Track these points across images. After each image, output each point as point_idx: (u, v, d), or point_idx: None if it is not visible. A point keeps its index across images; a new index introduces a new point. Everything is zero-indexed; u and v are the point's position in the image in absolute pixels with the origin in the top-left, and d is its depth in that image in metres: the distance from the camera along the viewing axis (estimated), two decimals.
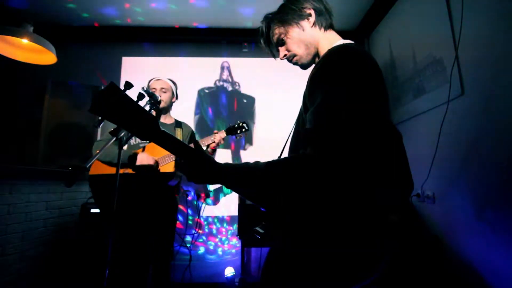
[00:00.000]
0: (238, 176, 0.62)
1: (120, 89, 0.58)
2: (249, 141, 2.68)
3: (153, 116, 0.61)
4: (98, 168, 1.59)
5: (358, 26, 2.67)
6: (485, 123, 1.35)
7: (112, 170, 1.57)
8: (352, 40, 0.79)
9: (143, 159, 1.54)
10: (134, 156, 1.54)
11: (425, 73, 1.81)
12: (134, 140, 1.70)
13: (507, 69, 1.23)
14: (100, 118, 1.14)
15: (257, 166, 0.61)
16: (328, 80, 0.60)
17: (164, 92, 1.72)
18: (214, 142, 1.67)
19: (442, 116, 1.57)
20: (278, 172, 0.58)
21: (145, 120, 0.59)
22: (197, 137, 2.60)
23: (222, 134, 1.71)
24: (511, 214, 1.21)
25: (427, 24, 1.79)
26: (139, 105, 0.60)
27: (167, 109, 1.78)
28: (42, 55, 1.88)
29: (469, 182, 1.45)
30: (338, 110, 0.56)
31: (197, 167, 0.62)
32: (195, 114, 2.72)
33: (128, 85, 1.06)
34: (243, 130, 1.76)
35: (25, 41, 1.70)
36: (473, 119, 1.42)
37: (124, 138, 1.20)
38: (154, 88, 1.70)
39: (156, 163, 1.58)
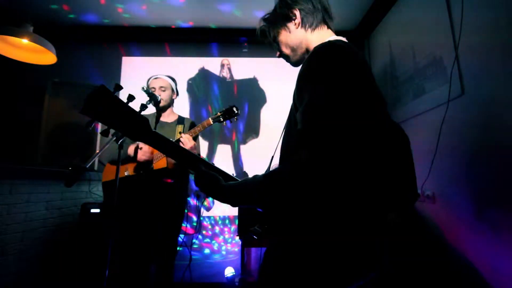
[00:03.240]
0: (237, 197, 0.64)
1: (110, 92, 0.61)
2: (255, 132, 2.69)
3: (144, 117, 0.64)
4: (111, 173, 1.62)
5: (358, 26, 2.67)
6: (485, 123, 1.35)
7: (122, 174, 1.61)
8: (352, 40, 0.79)
9: (143, 151, 1.58)
10: (137, 149, 1.57)
11: (425, 73, 1.81)
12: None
13: (507, 69, 1.23)
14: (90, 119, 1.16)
15: (251, 185, 0.62)
16: (313, 79, 0.60)
17: (163, 90, 1.71)
18: (200, 130, 1.64)
19: (442, 116, 1.57)
20: (278, 185, 0.58)
21: (135, 121, 0.62)
22: None
23: (208, 122, 1.64)
24: (511, 214, 1.21)
25: (427, 24, 1.79)
26: (130, 107, 0.63)
27: (167, 107, 1.78)
28: (42, 55, 1.87)
29: (469, 182, 1.45)
30: (324, 109, 0.56)
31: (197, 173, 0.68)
32: (194, 109, 2.72)
33: (118, 87, 1.10)
34: (233, 114, 1.63)
35: (25, 41, 1.70)
36: (473, 119, 1.42)
37: (116, 137, 1.22)
38: (153, 88, 1.69)
39: (151, 154, 1.61)
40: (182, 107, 2.67)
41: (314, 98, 0.58)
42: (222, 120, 1.64)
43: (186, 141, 1.57)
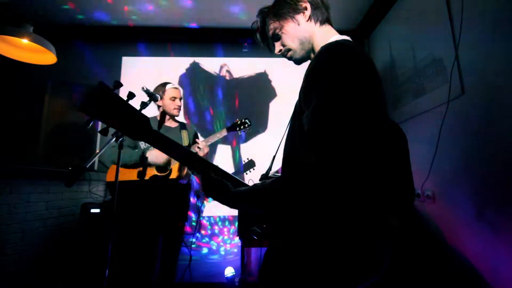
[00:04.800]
0: (244, 204, 0.65)
1: (110, 89, 0.57)
2: (258, 131, 2.69)
3: (145, 116, 0.61)
4: (125, 174, 1.62)
5: (358, 26, 2.67)
6: (485, 123, 1.34)
7: (132, 176, 1.60)
8: (352, 40, 0.78)
9: (156, 155, 1.58)
10: (143, 155, 1.57)
11: (425, 73, 1.81)
12: (144, 144, 1.69)
13: (507, 69, 1.23)
14: (89, 117, 1.13)
15: (259, 192, 0.63)
16: (321, 80, 0.59)
17: (180, 99, 1.81)
18: (216, 138, 1.78)
19: (442, 116, 1.57)
20: (285, 192, 0.59)
21: (135, 120, 0.59)
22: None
23: (224, 132, 1.80)
24: (511, 214, 1.21)
25: (427, 24, 1.78)
26: (129, 105, 0.60)
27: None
28: (42, 55, 1.87)
29: (469, 182, 1.44)
30: (332, 112, 0.55)
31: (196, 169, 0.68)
32: (194, 110, 2.71)
33: (118, 84, 1.07)
34: (246, 126, 1.86)
35: (25, 41, 1.70)
36: (473, 119, 1.42)
37: (116, 136, 1.22)
38: (173, 97, 1.75)
39: (168, 159, 1.61)
40: (182, 108, 2.66)
41: (322, 100, 0.57)
42: (235, 130, 1.85)
43: (204, 148, 1.66)
